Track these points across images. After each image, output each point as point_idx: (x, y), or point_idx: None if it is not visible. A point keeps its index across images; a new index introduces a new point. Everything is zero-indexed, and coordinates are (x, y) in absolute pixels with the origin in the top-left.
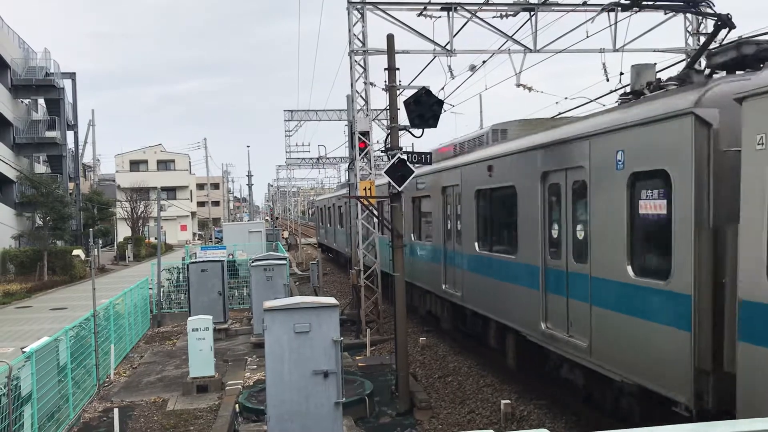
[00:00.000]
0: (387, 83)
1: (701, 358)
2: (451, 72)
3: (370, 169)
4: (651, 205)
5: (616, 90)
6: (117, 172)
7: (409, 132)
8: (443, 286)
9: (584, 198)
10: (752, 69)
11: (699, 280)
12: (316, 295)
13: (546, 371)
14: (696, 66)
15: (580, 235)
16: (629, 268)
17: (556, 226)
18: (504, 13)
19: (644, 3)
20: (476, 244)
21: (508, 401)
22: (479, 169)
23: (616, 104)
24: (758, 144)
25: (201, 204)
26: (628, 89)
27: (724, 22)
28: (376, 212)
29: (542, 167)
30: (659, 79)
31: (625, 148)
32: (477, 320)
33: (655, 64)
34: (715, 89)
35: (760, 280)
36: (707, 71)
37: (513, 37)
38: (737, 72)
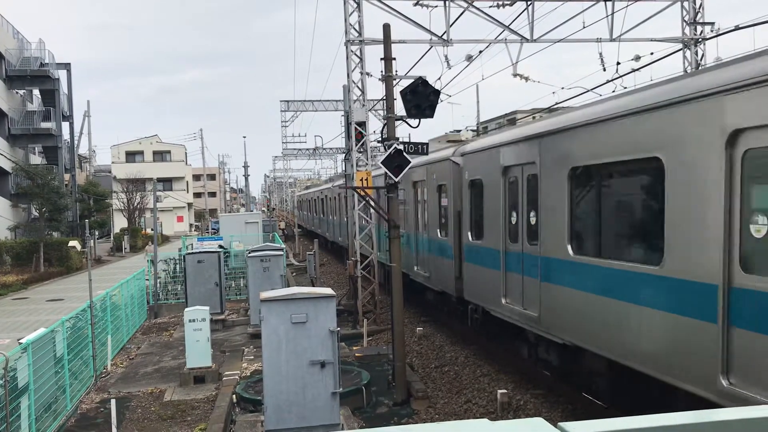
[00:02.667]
0: (383, 73)
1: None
2: (447, 62)
3: (367, 160)
4: None
5: (613, 80)
6: (113, 163)
7: (406, 122)
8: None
9: None
10: None
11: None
12: (313, 286)
13: None
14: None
15: None
16: None
17: None
18: (501, 3)
19: None
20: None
21: (504, 391)
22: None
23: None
24: (466, 176)
25: (197, 195)
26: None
27: None
28: (372, 203)
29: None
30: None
31: None
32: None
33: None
34: (460, 148)
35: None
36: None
37: (510, 26)
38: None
